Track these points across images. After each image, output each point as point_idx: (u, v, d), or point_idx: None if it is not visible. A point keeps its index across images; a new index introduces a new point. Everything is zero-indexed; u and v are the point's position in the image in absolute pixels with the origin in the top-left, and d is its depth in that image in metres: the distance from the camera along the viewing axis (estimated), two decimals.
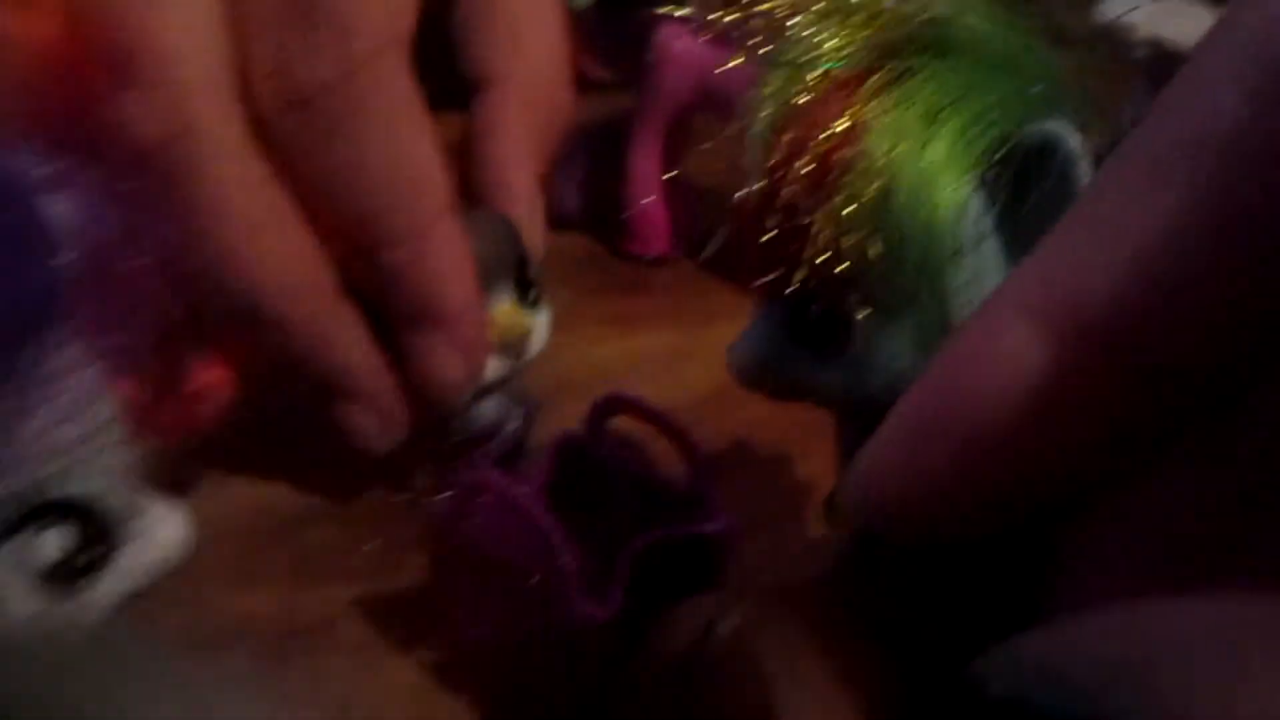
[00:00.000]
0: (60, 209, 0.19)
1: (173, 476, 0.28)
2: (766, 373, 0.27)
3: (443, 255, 0.33)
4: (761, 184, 0.24)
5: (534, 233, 0.41)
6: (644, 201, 0.48)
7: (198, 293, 0.29)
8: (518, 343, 0.36)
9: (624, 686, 0.23)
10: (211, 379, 0.29)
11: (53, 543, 0.19)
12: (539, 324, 0.37)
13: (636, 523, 0.30)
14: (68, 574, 0.19)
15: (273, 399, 0.33)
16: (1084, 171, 0.24)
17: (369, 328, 0.34)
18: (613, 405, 0.32)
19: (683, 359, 0.44)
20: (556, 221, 0.46)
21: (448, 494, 0.30)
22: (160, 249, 0.21)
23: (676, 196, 0.48)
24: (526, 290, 0.36)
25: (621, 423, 0.34)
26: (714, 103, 0.45)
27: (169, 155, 0.27)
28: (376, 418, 0.34)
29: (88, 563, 0.20)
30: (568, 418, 0.33)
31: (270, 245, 0.31)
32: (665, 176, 0.47)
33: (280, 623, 0.33)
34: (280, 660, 0.32)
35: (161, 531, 0.21)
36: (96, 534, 0.20)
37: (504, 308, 0.35)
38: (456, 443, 0.36)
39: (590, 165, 0.50)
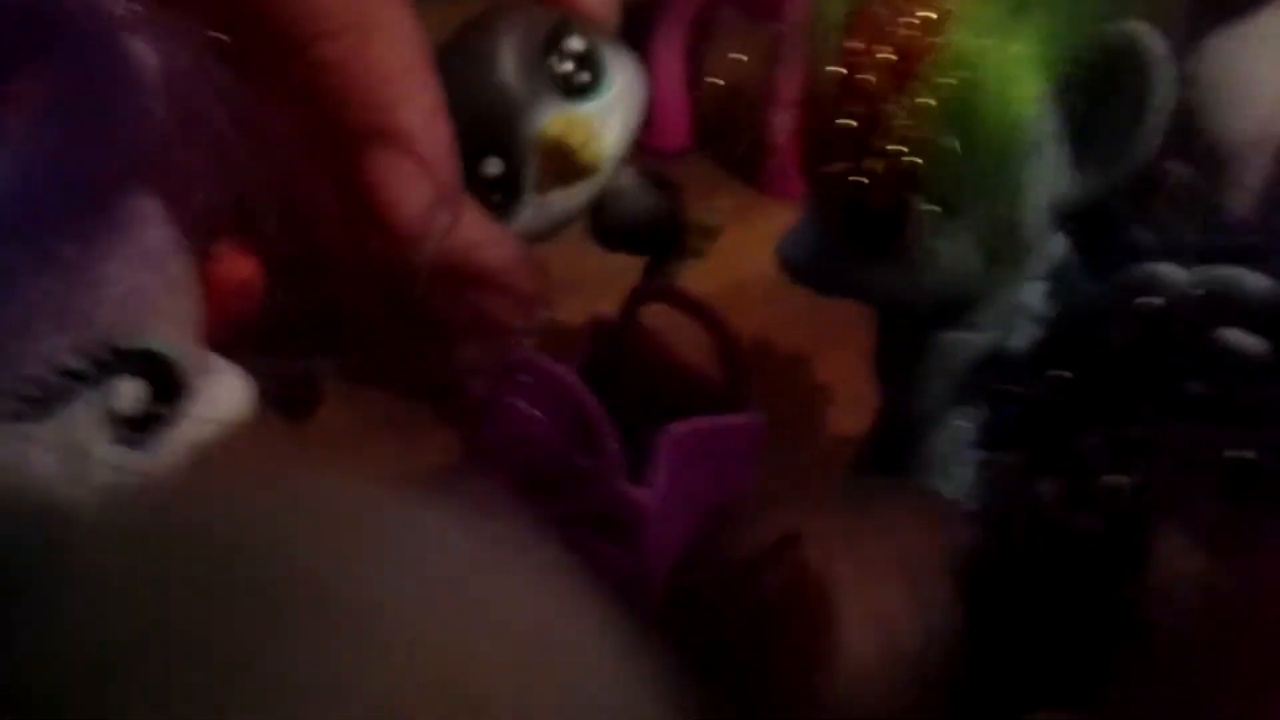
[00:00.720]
0: (150, 56, 0.18)
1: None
2: (819, 268, 0.27)
3: (392, 50, 0.28)
4: (836, 70, 0.24)
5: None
6: (666, 94, 0.47)
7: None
8: (584, 164, 0.29)
9: (682, 590, 0.23)
10: (240, 271, 0.28)
11: (130, 392, 0.19)
12: (608, 114, 0.30)
13: (667, 411, 0.30)
14: (145, 423, 0.19)
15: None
16: (1162, 78, 0.24)
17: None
18: (650, 293, 0.32)
19: (698, 259, 0.43)
20: None
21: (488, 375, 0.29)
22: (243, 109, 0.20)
23: (699, 91, 0.48)
24: (571, 66, 0.29)
25: (651, 314, 0.34)
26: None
27: None
28: (424, 175, 0.27)
29: (165, 414, 0.19)
30: (577, 316, 0.33)
31: None
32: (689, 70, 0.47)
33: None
34: None
35: (226, 387, 0.21)
36: (169, 386, 0.19)
37: (557, 122, 0.28)
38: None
39: None
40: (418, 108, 0.29)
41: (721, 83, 0.47)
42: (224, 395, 0.21)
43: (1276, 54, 0.40)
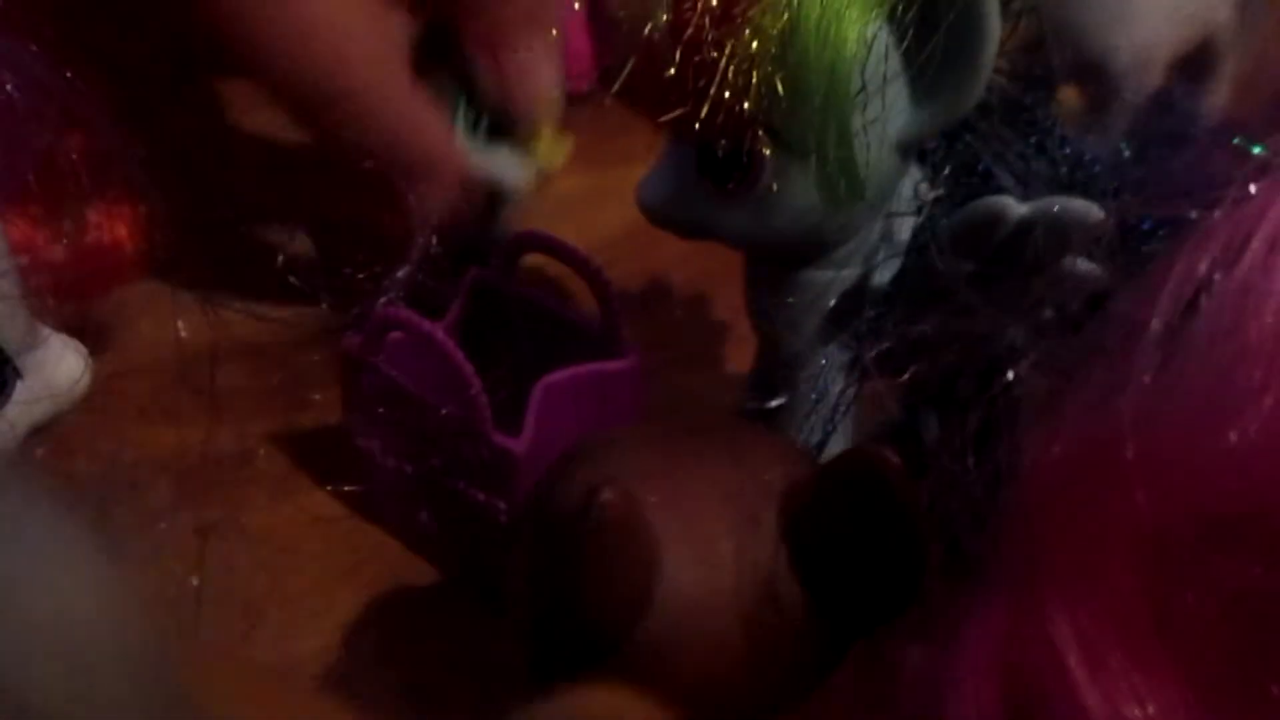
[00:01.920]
0: None
1: (78, 318, 0.28)
2: (674, 210, 0.28)
3: (394, 100, 0.33)
4: (667, 18, 0.24)
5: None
6: (568, 34, 0.46)
7: (284, 82, 0.30)
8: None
9: (511, 539, 0.24)
10: (117, 233, 0.28)
11: None
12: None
13: (547, 359, 0.31)
14: None
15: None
16: (991, 11, 0.24)
17: None
18: (524, 242, 0.32)
19: (600, 198, 0.44)
20: None
21: (359, 330, 0.30)
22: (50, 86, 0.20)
23: (598, 27, 0.47)
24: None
25: (534, 260, 0.34)
26: None
27: None
28: (449, 195, 0.34)
29: None
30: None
31: (353, 20, 0.31)
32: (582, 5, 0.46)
33: (198, 457, 0.33)
34: (201, 492, 0.32)
35: (61, 365, 0.21)
36: None
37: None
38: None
39: None
40: (439, 146, 0.33)
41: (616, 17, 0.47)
42: (59, 372, 0.21)
43: None
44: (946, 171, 0.28)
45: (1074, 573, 0.18)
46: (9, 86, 0.19)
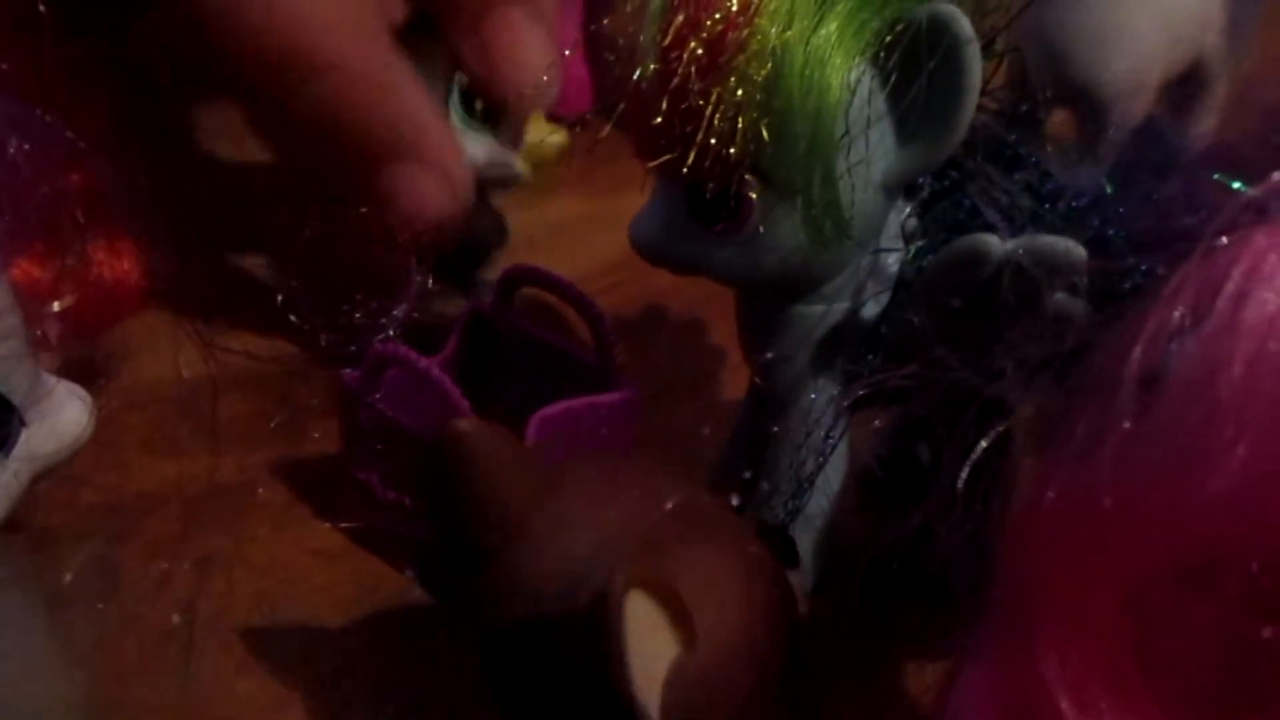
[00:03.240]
0: None
1: (80, 352, 0.28)
2: (666, 249, 0.28)
3: (380, 72, 0.31)
4: (655, 65, 0.25)
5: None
6: (563, 59, 0.47)
7: (252, 61, 0.28)
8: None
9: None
10: (119, 268, 0.29)
11: None
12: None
13: (543, 391, 0.31)
14: None
15: None
16: (973, 54, 0.24)
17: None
18: (519, 277, 0.33)
19: (593, 225, 0.44)
20: None
21: (357, 367, 0.30)
22: (43, 134, 0.21)
23: (597, 54, 0.48)
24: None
25: (529, 292, 0.34)
26: None
27: None
28: (440, 179, 0.32)
29: None
30: None
31: None
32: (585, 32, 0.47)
33: (202, 488, 0.34)
34: (203, 524, 0.33)
35: (64, 412, 0.22)
36: (2, 418, 0.20)
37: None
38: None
39: None
40: (425, 123, 0.31)
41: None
42: (61, 418, 0.22)
43: (1145, 2, 0.40)
44: (933, 208, 0.29)
45: (1064, 615, 0.18)
46: (13, 149, 0.19)
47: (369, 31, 0.31)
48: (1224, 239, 0.18)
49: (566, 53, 0.46)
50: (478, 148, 0.34)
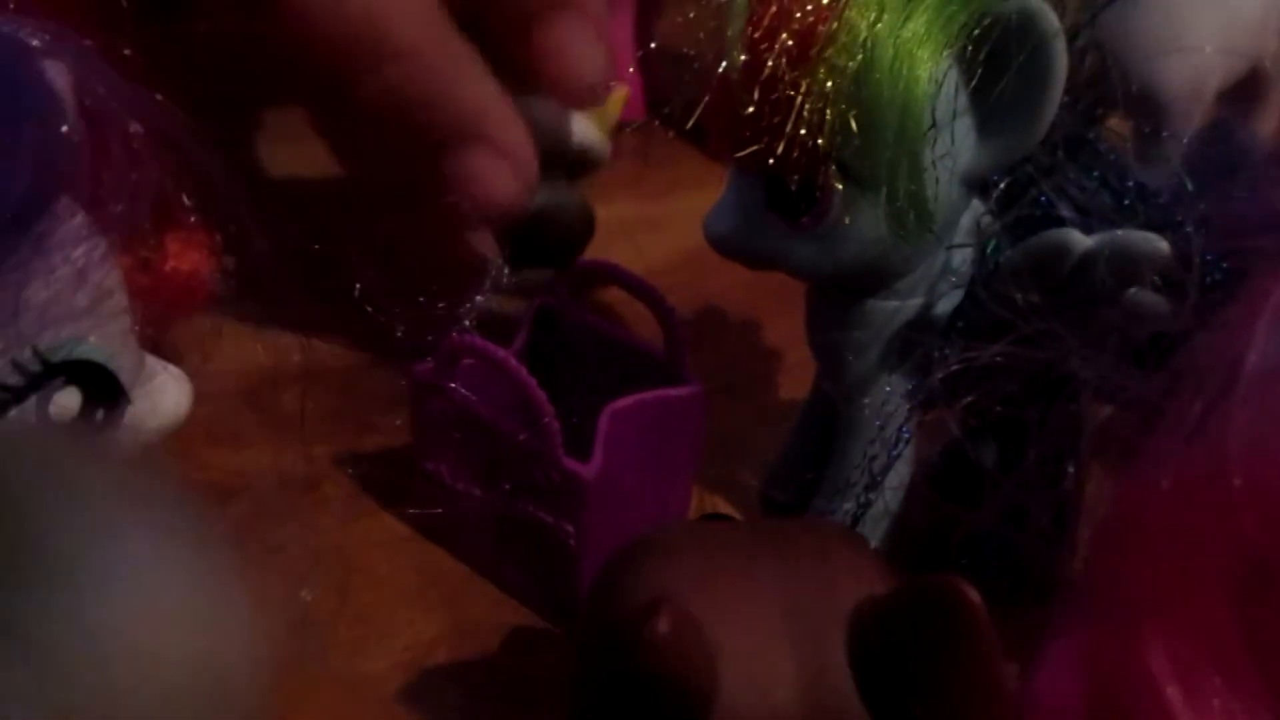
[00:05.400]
0: (59, 76, 0.19)
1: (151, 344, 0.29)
2: (743, 242, 0.28)
3: (450, 58, 0.31)
4: (743, 56, 0.25)
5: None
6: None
7: (320, 44, 0.28)
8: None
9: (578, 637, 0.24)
10: (194, 260, 0.29)
11: (70, 401, 0.20)
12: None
13: (611, 387, 0.31)
14: (83, 430, 0.20)
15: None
16: (1059, 49, 0.25)
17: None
18: (590, 272, 0.33)
19: (648, 228, 0.44)
20: None
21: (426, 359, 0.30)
22: (158, 118, 0.21)
23: (649, 61, 0.48)
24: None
25: (594, 289, 0.35)
26: None
27: None
28: (508, 162, 0.32)
29: (103, 420, 0.20)
30: None
31: None
32: (639, 42, 0.47)
33: (270, 479, 0.34)
34: (274, 514, 0.33)
35: (167, 393, 0.22)
36: (109, 394, 0.20)
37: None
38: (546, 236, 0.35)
39: None
40: (491, 105, 0.32)
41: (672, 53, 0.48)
42: (163, 397, 0.22)
43: (1206, 8, 0.40)
44: (1008, 204, 0.29)
45: (1170, 602, 0.18)
46: (132, 130, 0.20)
47: (436, 15, 0.31)
48: None
49: (630, 70, 0.47)
50: (559, 121, 0.35)
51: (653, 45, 0.47)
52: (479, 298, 0.28)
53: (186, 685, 0.16)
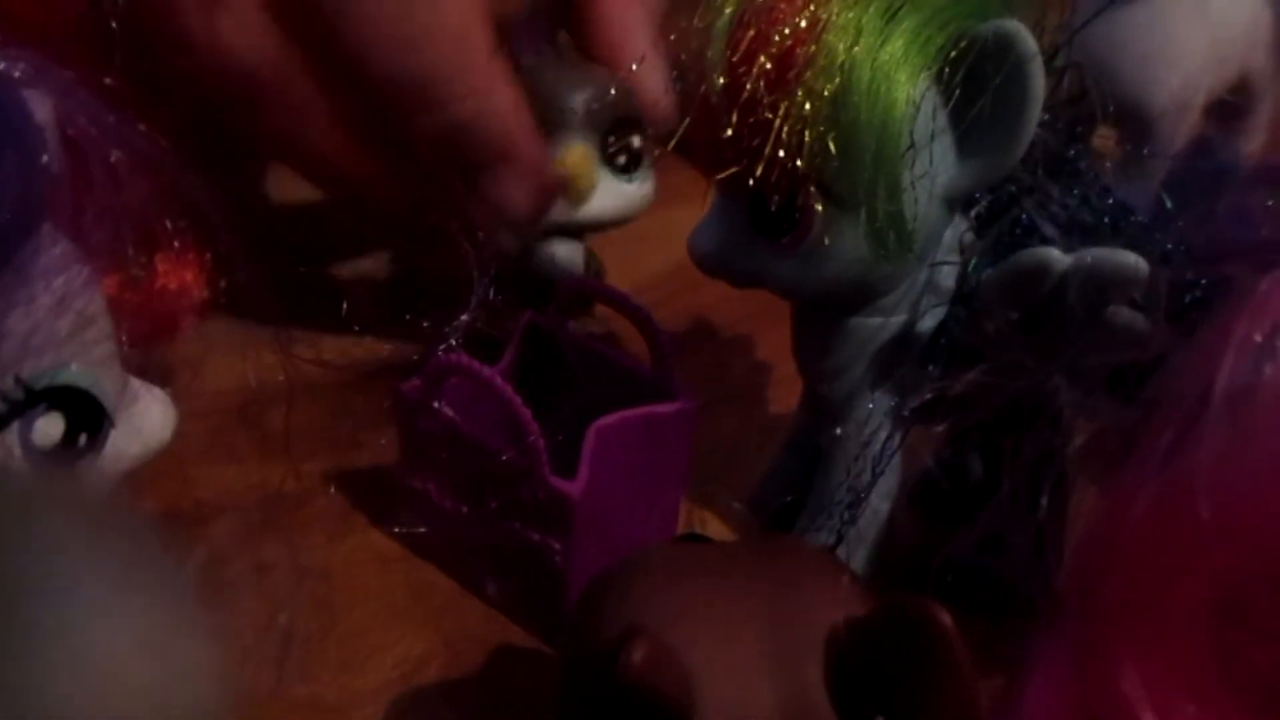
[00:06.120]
0: (41, 107, 0.19)
1: (142, 363, 0.29)
2: (726, 261, 0.28)
3: (504, 99, 0.34)
4: (722, 79, 0.25)
5: (648, 95, 0.38)
6: None
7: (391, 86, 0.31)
8: (578, 191, 0.37)
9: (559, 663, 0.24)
10: (184, 278, 0.29)
11: (53, 427, 0.20)
12: (615, 187, 0.38)
13: (599, 403, 0.31)
14: (67, 456, 0.20)
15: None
16: (1036, 69, 0.25)
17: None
18: (576, 289, 0.33)
19: (640, 241, 0.44)
20: None
21: (414, 377, 0.30)
22: (139, 145, 0.21)
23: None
24: (619, 151, 0.37)
25: (584, 306, 0.35)
26: None
27: None
28: (530, 184, 0.35)
29: (86, 445, 0.20)
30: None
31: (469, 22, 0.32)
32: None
33: (257, 496, 0.34)
34: (260, 530, 0.33)
35: (151, 417, 0.22)
36: (93, 419, 0.21)
37: (574, 152, 0.36)
38: (535, 282, 0.37)
39: None
40: (527, 136, 0.34)
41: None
42: (147, 421, 0.22)
43: (1193, 21, 0.40)
44: (989, 222, 0.29)
45: (1145, 626, 0.18)
46: (114, 158, 0.20)
47: (490, 51, 0.33)
48: None
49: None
50: (614, 198, 0.38)
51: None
52: (463, 316, 0.29)
53: None
